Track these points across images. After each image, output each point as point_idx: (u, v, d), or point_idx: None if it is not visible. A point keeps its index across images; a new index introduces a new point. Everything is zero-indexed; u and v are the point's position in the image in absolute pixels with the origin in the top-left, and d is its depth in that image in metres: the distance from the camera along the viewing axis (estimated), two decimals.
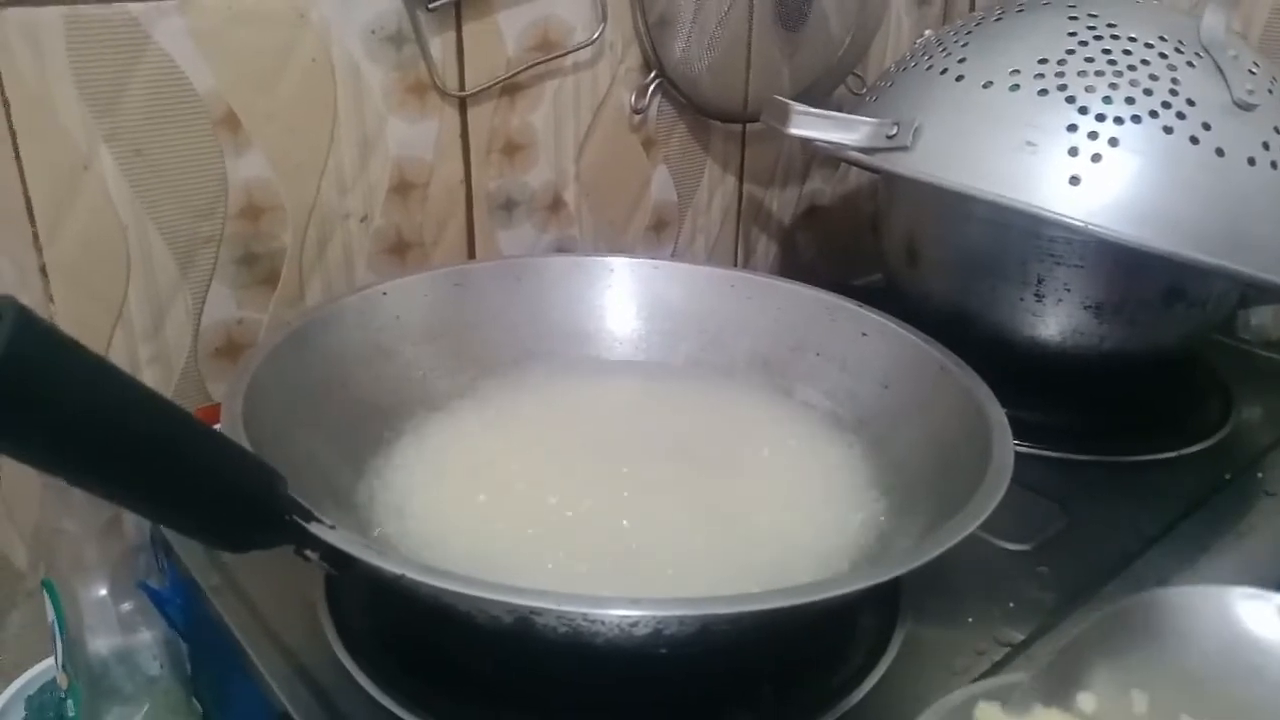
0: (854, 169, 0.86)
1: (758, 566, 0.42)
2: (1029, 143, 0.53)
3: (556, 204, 0.70)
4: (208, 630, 0.46)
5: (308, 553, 0.35)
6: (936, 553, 0.35)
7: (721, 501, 0.46)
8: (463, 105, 0.62)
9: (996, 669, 0.43)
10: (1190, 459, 0.59)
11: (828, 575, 0.42)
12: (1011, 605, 0.46)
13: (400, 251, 0.63)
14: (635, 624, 0.33)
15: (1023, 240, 0.58)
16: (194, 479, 0.32)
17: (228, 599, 0.45)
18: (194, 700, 0.51)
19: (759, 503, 0.47)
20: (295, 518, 0.34)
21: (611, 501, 0.45)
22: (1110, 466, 0.58)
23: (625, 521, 0.44)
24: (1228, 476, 0.57)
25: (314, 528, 0.34)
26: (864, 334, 0.54)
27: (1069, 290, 0.59)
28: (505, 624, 0.34)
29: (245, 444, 0.38)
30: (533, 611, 0.32)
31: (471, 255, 0.66)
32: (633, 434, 0.50)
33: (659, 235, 0.76)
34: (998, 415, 0.44)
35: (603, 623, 0.33)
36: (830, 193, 0.88)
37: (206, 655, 0.50)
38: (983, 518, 0.38)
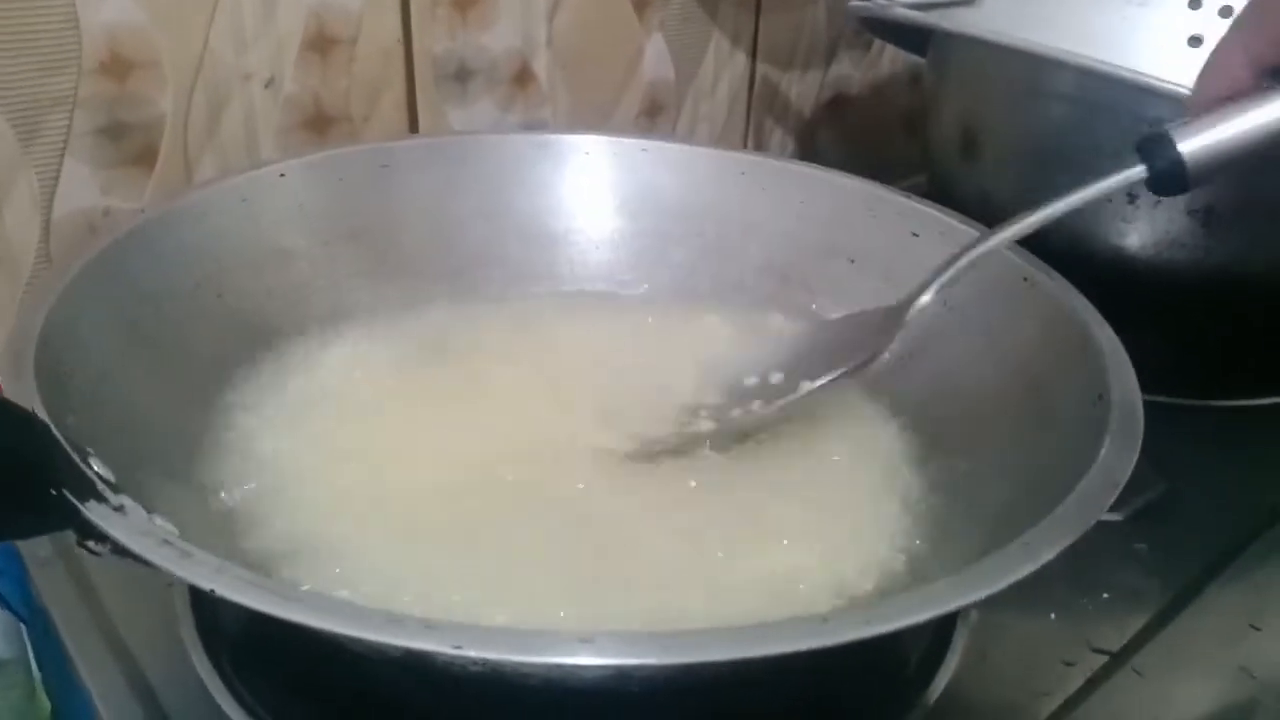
0: (888, 52, 0.76)
1: (757, 582, 0.30)
2: None
3: (524, 76, 0.57)
4: (40, 615, 0.36)
5: (92, 545, 0.23)
6: (1046, 559, 0.24)
7: (712, 485, 0.35)
8: None
9: (1091, 689, 0.33)
10: None
11: (867, 588, 0.31)
12: (1106, 596, 0.37)
13: (320, 128, 0.51)
14: (588, 670, 0.21)
15: (1119, 122, 0.47)
16: None
17: (55, 577, 0.35)
18: (42, 694, 0.41)
19: (763, 486, 0.35)
20: (66, 493, 0.22)
21: (561, 478, 0.34)
22: (1211, 414, 0.49)
23: (579, 508, 0.33)
24: None
25: (91, 509, 0.22)
26: (915, 234, 0.42)
27: None
28: (392, 657, 0.22)
29: (31, 380, 0.27)
30: (421, 652, 0.20)
31: None
32: (600, 385, 0.38)
33: (653, 122, 0.65)
34: (1111, 342, 0.33)
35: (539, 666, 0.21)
36: (859, 80, 0.76)
37: (44, 644, 0.39)
38: (1111, 499, 0.27)
